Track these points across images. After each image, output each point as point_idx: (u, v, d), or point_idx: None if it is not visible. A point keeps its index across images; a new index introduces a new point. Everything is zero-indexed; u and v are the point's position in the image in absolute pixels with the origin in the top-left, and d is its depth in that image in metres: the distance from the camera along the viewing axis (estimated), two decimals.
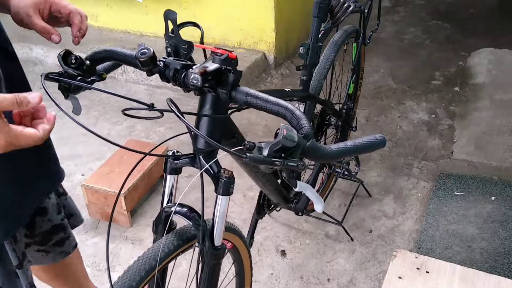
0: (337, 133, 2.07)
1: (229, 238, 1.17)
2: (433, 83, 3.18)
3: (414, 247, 1.95)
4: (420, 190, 2.27)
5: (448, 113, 2.85)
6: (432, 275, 1.47)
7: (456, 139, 2.60)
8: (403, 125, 2.75)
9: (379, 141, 0.76)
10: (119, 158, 2.21)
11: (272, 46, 3.32)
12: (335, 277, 1.85)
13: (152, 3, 3.48)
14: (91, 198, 2.09)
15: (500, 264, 1.84)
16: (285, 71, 3.40)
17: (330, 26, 1.61)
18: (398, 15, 4.27)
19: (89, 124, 2.82)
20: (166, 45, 0.88)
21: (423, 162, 2.45)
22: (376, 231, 2.05)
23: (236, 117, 1.00)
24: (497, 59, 3.28)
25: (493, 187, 2.22)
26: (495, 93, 2.88)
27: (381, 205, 2.19)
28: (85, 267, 1.92)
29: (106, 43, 3.55)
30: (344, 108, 2.03)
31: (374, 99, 3.02)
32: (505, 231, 1.99)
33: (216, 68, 0.81)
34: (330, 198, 2.20)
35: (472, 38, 3.73)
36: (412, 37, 3.86)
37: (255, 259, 1.92)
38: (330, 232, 2.05)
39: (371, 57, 3.41)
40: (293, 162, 0.71)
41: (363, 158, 2.42)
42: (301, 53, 1.51)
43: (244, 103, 0.84)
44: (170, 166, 0.98)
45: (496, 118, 2.66)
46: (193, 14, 3.41)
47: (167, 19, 0.85)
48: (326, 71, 1.68)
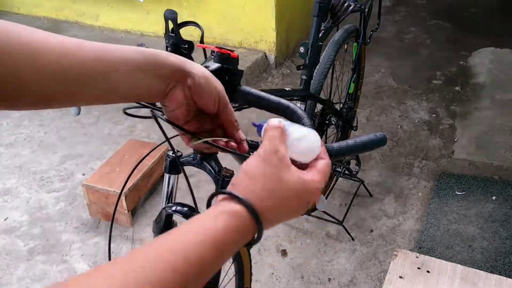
0: (338, 132, 2.07)
1: None
2: (434, 83, 3.18)
3: (415, 247, 1.95)
4: (421, 189, 2.26)
5: (449, 113, 2.85)
6: (433, 275, 1.47)
7: (457, 139, 2.59)
8: (404, 125, 2.75)
9: (379, 139, 0.76)
10: (119, 158, 2.21)
11: (273, 45, 3.31)
12: (336, 276, 1.85)
13: (153, 3, 3.48)
14: (91, 197, 2.09)
15: (501, 264, 1.84)
16: (286, 71, 3.40)
17: (330, 25, 1.61)
18: (399, 14, 4.27)
19: (89, 124, 2.82)
20: (167, 44, 0.88)
21: (424, 161, 2.45)
22: (377, 231, 2.05)
23: (237, 116, 1.00)
24: (498, 58, 3.27)
25: (494, 187, 2.22)
26: (496, 93, 2.88)
27: (382, 204, 2.18)
28: (86, 267, 1.93)
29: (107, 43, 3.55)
30: (344, 108, 2.03)
31: (374, 98, 3.02)
32: (506, 230, 1.99)
33: (217, 67, 0.81)
34: (331, 197, 2.20)
35: (473, 37, 3.72)
36: (412, 37, 3.86)
37: (255, 259, 1.92)
38: (331, 232, 2.05)
39: (372, 57, 3.41)
40: None
41: (364, 157, 2.42)
42: (301, 52, 1.51)
43: (245, 103, 0.83)
44: (171, 166, 0.98)
45: (497, 118, 2.65)
46: (193, 13, 3.41)
47: (168, 18, 0.85)
48: (327, 71, 1.68)
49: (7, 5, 4.11)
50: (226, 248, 0.47)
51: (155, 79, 0.58)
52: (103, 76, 0.54)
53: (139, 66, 0.56)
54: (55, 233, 2.09)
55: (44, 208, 2.23)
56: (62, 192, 2.33)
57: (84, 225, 2.14)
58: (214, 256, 0.45)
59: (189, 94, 0.62)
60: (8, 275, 1.90)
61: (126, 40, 3.62)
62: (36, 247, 2.03)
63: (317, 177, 0.55)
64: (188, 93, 0.61)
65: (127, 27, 3.75)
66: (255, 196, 0.50)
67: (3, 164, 2.53)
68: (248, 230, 0.49)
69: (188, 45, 0.86)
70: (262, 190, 0.50)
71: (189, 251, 0.43)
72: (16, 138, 2.75)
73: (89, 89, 0.53)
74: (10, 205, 2.25)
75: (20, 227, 2.13)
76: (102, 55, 0.54)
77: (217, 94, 0.63)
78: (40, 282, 1.87)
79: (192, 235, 0.45)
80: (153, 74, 0.57)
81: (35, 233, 2.09)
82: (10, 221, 2.16)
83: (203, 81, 0.61)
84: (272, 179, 0.51)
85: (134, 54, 0.56)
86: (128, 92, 0.56)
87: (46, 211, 2.21)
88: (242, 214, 0.48)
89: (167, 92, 0.60)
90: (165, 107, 0.63)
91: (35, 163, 2.53)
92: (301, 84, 1.57)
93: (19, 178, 2.42)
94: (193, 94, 0.62)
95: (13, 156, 2.59)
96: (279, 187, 0.51)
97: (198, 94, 0.62)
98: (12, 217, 2.18)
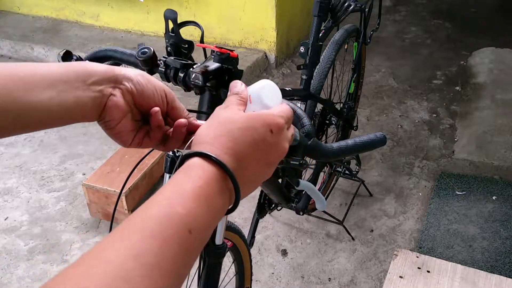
0: (338, 132, 2.06)
1: (230, 237, 1.17)
2: (434, 83, 3.18)
3: (415, 247, 1.95)
4: (421, 189, 2.26)
5: (449, 113, 2.84)
6: (433, 275, 1.47)
7: (457, 139, 2.59)
8: (404, 125, 2.75)
9: (379, 139, 0.77)
10: (120, 158, 2.21)
11: (273, 45, 3.31)
12: (336, 276, 1.85)
13: (153, 3, 3.48)
14: (92, 197, 2.09)
15: (501, 264, 1.84)
16: (286, 71, 3.40)
17: (330, 25, 1.61)
18: (399, 14, 4.27)
19: (90, 124, 2.81)
20: (167, 44, 0.88)
21: (424, 161, 2.45)
22: (377, 231, 2.05)
23: None
24: (498, 58, 3.27)
25: (494, 187, 2.22)
26: (496, 93, 2.88)
27: (382, 204, 2.18)
28: None
29: (107, 43, 3.55)
30: (345, 108, 2.02)
31: (375, 98, 3.02)
32: (506, 230, 1.99)
33: (217, 67, 0.81)
34: (331, 197, 2.20)
35: (473, 37, 3.72)
36: (413, 37, 3.86)
37: (256, 259, 1.92)
38: (331, 232, 2.05)
39: (372, 56, 3.41)
40: (295, 161, 0.71)
41: (364, 157, 2.42)
42: (302, 52, 1.51)
43: None
44: (170, 165, 0.98)
45: (498, 118, 2.65)
46: (193, 13, 3.41)
47: (168, 18, 0.85)
48: (327, 70, 1.68)
49: (7, 5, 4.11)
50: (212, 200, 0.46)
51: (85, 90, 0.53)
52: (21, 97, 0.48)
53: (61, 78, 0.51)
54: (55, 233, 2.09)
55: (44, 207, 2.23)
56: (62, 191, 2.33)
57: (84, 224, 2.14)
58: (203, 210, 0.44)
59: (131, 98, 0.57)
60: (8, 275, 1.90)
61: (126, 40, 3.62)
62: (37, 246, 2.03)
63: (276, 111, 0.53)
64: (129, 97, 0.57)
65: (128, 26, 3.75)
66: (225, 150, 0.48)
67: (4, 164, 2.53)
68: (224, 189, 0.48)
69: (188, 44, 0.86)
70: (228, 141, 0.49)
71: (176, 205, 0.43)
72: (16, 137, 2.75)
73: (12, 116, 0.48)
74: (10, 205, 2.25)
75: (21, 226, 2.13)
76: (12, 75, 0.48)
77: (161, 89, 0.60)
78: (41, 282, 1.87)
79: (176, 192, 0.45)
80: (80, 84, 0.52)
81: (35, 233, 2.09)
82: (10, 221, 2.16)
83: (141, 79, 0.57)
84: (224, 123, 0.50)
85: (55, 68, 0.52)
86: (57, 109, 0.50)
87: (46, 210, 2.22)
88: (216, 174, 0.47)
89: (104, 103, 0.55)
90: (107, 123, 0.57)
91: (35, 162, 2.53)
92: (301, 84, 1.57)
93: (20, 178, 2.43)
94: (135, 97, 0.57)
95: (13, 155, 2.60)
96: (237, 126, 0.50)
97: (141, 94, 0.57)
98: (12, 217, 2.18)
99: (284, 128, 0.53)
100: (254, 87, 0.57)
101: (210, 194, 0.46)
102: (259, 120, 0.51)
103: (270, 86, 0.58)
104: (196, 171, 0.47)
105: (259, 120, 0.51)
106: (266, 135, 0.51)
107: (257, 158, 0.51)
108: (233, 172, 0.47)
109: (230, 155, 0.48)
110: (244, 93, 0.56)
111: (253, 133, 0.50)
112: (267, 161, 0.52)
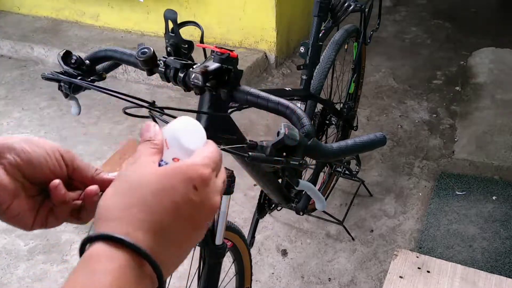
0: (338, 132, 2.06)
1: (230, 237, 1.17)
2: (434, 83, 3.18)
3: (415, 247, 1.95)
4: (421, 189, 2.26)
5: (449, 113, 2.84)
6: (433, 275, 1.47)
7: (457, 139, 2.59)
8: (404, 125, 2.75)
9: (379, 139, 0.77)
10: (119, 158, 2.21)
11: (273, 45, 3.31)
12: (336, 276, 1.85)
13: (153, 3, 3.48)
14: None
15: (501, 264, 1.84)
16: (286, 71, 3.40)
17: (330, 25, 1.61)
18: (399, 14, 4.27)
19: (90, 124, 2.82)
20: (166, 44, 0.88)
21: (424, 161, 2.45)
22: (377, 231, 2.05)
23: (237, 116, 1.00)
24: (498, 58, 3.27)
25: (494, 187, 2.22)
26: (496, 93, 2.88)
27: (382, 204, 2.18)
28: None
29: (107, 43, 3.55)
30: (345, 108, 2.02)
31: (375, 98, 3.02)
32: (506, 230, 1.99)
33: (217, 67, 0.81)
34: (331, 197, 2.20)
35: (473, 37, 3.72)
36: (413, 37, 3.86)
37: (256, 259, 1.92)
38: (331, 232, 2.05)
39: (372, 57, 3.41)
40: (295, 161, 0.71)
41: (364, 157, 2.42)
42: (302, 52, 1.51)
43: (245, 102, 0.84)
44: None
45: (497, 118, 2.65)
46: (193, 13, 3.41)
47: (168, 18, 0.85)
48: (327, 71, 1.68)
49: (7, 5, 4.11)
50: None
51: None
52: None
53: None
54: (55, 233, 2.09)
55: None
56: None
57: (84, 225, 2.13)
58: None
59: (17, 172, 0.46)
60: (8, 275, 1.90)
61: (126, 40, 3.62)
62: (36, 246, 2.03)
63: (199, 159, 0.43)
64: (15, 171, 0.46)
65: (127, 26, 3.75)
66: (138, 226, 0.38)
67: None
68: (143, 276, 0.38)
69: (188, 45, 0.86)
70: (139, 212, 0.38)
71: None
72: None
73: None
74: None
75: None
76: None
77: (55, 151, 0.49)
78: (41, 282, 1.87)
79: None
80: None
81: (35, 233, 2.09)
82: None
83: (26, 146, 0.46)
84: (134, 187, 0.40)
85: None
86: None
87: None
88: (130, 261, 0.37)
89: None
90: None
91: None
92: (301, 84, 1.57)
93: None
94: (23, 169, 0.46)
95: None
96: (151, 189, 0.40)
97: (29, 164, 0.46)
98: None
99: (211, 179, 0.43)
100: (169, 128, 0.47)
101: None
102: (178, 176, 0.41)
103: (188, 125, 0.48)
104: (102, 265, 0.36)
105: (178, 175, 0.41)
106: (188, 193, 0.40)
107: (181, 225, 0.40)
108: (150, 254, 0.38)
109: (145, 230, 0.38)
110: (157, 138, 0.45)
111: (171, 195, 0.40)
112: (194, 225, 0.42)
